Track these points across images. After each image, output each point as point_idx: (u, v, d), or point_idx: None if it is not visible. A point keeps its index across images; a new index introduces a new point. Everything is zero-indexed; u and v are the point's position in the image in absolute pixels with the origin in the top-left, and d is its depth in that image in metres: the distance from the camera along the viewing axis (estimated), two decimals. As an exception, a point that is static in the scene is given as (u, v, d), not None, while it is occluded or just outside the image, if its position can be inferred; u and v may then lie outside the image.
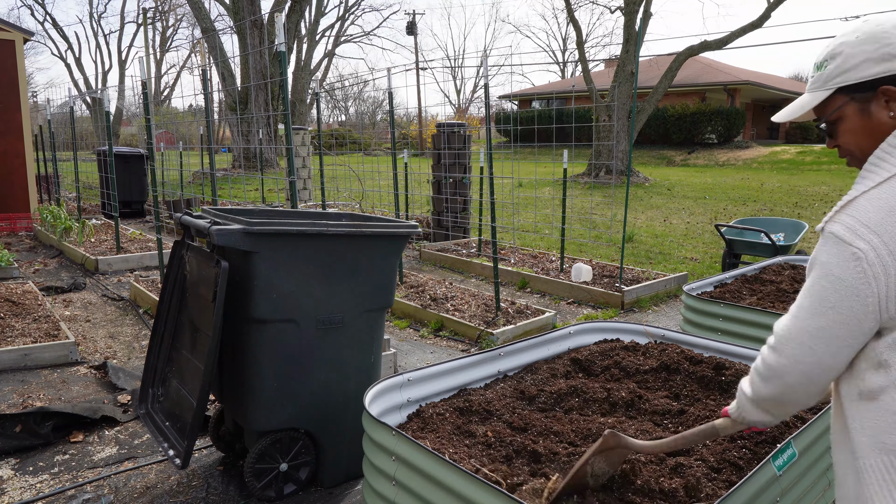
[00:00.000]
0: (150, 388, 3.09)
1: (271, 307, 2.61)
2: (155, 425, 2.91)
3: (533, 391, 2.65)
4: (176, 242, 3.05)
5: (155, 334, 3.09)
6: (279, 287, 2.62)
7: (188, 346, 2.90)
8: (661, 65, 22.68)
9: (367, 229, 2.75)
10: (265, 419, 2.71)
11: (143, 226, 11.17)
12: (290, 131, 4.11)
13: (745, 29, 16.43)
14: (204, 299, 2.71)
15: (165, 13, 44.68)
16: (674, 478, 1.96)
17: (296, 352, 2.71)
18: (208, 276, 2.66)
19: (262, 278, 2.58)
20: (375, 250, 2.82)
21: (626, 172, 16.87)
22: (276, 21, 4.03)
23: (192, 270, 2.91)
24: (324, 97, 45.17)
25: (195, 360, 2.77)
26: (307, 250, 2.64)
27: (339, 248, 2.72)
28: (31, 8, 56.42)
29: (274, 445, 2.76)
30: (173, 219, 2.97)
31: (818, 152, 23.25)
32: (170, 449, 2.69)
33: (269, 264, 2.58)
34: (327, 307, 2.74)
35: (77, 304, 6.13)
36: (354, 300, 2.82)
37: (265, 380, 2.67)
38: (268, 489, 2.79)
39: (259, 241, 2.53)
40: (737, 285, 4.67)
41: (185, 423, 2.71)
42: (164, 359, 3.08)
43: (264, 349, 2.66)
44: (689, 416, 2.40)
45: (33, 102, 22.12)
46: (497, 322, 5.16)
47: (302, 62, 25.78)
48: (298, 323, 2.69)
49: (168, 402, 2.98)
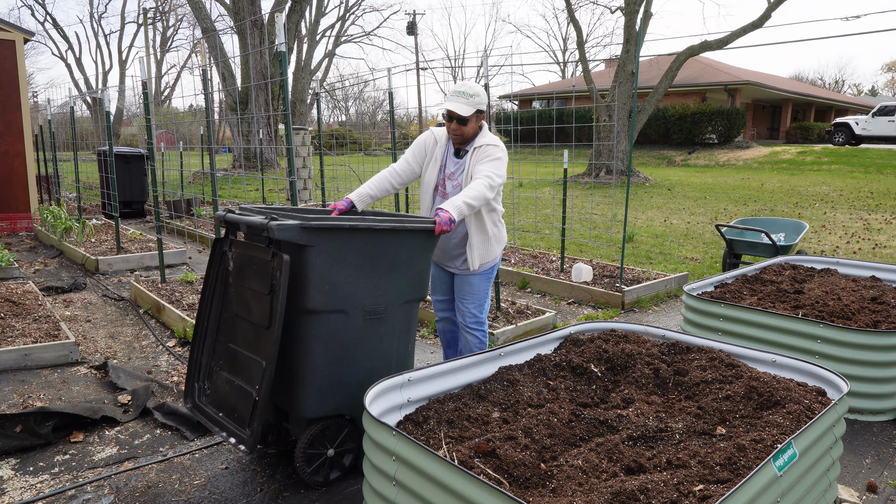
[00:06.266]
0: (195, 382, 3.17)
1: (324, 298, 2.73)
2: (208, 417, 3.01)
3: (528, 392, 2.65)
4: (216, 240, 3.13)
5: (198, 331, 3.16)
6: (331, 279, 2.73)
7: (238, 340, 2.97)
8: (661, 65, 22.69)
9: (408, 224, 2.90)
10: (316, 406, 2.82)
11: (144, 226, 11.17)
12: (290, 131, 4.11)
13: (745, 29, 16.42)
14: (256, 293, 2.81)
15: (166, 13, 44.71)
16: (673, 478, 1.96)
17: (345, 341, 2.83)
18: (262, 271, 2.76)
19: (316, 271, 2.69)
20: (414, 244, 2.96)
21: (626, 172, 16.87)
22: (277, 21, 4.02)
23: (237, 266, 2.99)
24: (324, 97, 45.18)
25: (247, 353, 2.87)
26: (356, 244, 2.77)
27: (383, 242, 2.85)
28: (31, 8, 56.51)
29: (323, 432, 2.87)
30: (215, 217, 3.11)
31: (819, 152, 23.24)
32: (230, 437, 2.78)
33: (322, 258, 2.70)
34: (373, 298, 2.86)
35: (77, 304, 6.13)
36: (395, 292, 2.94)
37: (317, 368, 2.78)
38: (316, 474, 2.90)
39: (314, 235, 2.65)
40: (737, 285, 4.67)
41: (243, 412, 2.80)
42: (209, 354, 3.16)
43: (316, 339, 2.76)
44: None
45: (34, 102, 22.12)
46: (497, 322, 5.16)
47: (302, 62, 25.78)
48: (348, 313, 2.81)
49: (219, 395, 3.05)
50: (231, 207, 3.08)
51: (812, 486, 2.24)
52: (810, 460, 2.20)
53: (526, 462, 2.08)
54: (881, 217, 11.57)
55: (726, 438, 2.25)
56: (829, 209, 12.64)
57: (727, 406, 2.46)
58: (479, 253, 3.42)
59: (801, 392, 2.54)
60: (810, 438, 2.18)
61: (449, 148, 3.49)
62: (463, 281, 3.51)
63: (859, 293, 4.33)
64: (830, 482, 2.45)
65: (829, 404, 2.42)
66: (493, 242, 3.48)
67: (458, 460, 2.06)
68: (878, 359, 3.46)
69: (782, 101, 32.83)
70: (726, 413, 2.43)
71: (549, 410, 2.45)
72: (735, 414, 2.42)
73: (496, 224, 3.49)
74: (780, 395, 2.47)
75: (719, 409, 2.45)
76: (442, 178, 3.47)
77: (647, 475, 2.01)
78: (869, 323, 3.80)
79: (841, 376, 2.57)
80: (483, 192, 3.13)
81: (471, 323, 3.54)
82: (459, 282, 3.53)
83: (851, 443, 3.35)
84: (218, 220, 3.06)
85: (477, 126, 3.40)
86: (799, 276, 4.86)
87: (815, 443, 2.22)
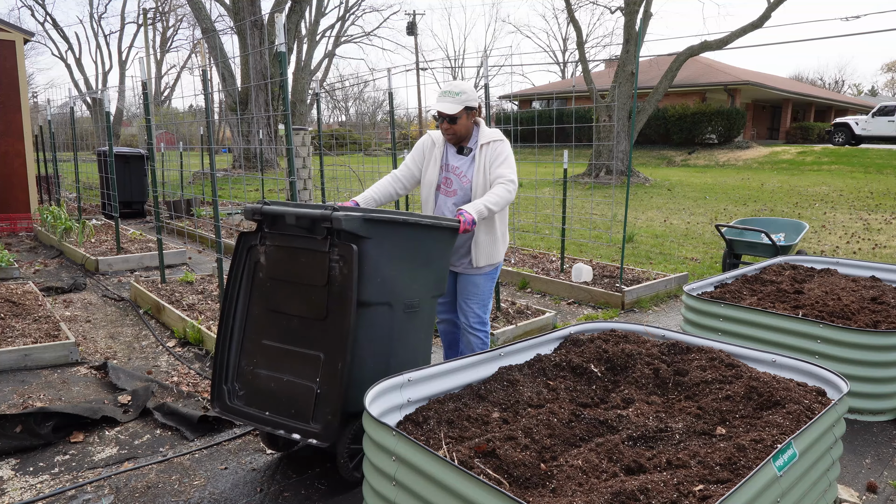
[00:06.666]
0: (223, 385, 3.02)
1: (375, 290, 2.72)
2: (248, 417, 2.90)
3: (528, 393, 2.65)
4: (242, 234, 3.00)
5: (223, 331, 3.02)
6: (382, 271, 2.74)
7: (277, 336, 2.88)
8: (661, 65, 22.68)
9: (443, 222, 2.94)
10: (360, 400, 2.76)
11: (144, 226, 11.17)
12: (290, 131, 4.11)
13: (745, 29, 16.42)
14: (305, 286, 2.77)
15: (166, 14, 44.70)
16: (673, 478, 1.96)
17: (388, 333, 2.83)
18: (313, 262, 2.73)
19: (371, 263, 2.68)
20: (442, 241, 3.00)
21: (626, 172, 16.87)
22: (277, 21, 4.02)
23: (274, 259, 2.90)
24: (324, 97, 45.19)
25: (295, 347, 2.82)
26: (402, 238, 2.80)
27: (421, 237, 2.88)
28: (31, 8, 56.39)
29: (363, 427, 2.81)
30: (245, 210, 2.96)
31: (818, 152, 23.24)
32: (292, 433, 2.71)
33: (377, 250, 2.70)
34: (411, 292, 2.89)
35: (77, 304, 6.13)
36: (427, 286, 2.98)
37: (364, 360, 2.76)
38: (357, 469, 2.85)
39: (373, 227, 2.66)
40: (737, 285, 4.67)
41: (303, 407, 2.73)
42: (237, 353, 3.03)
43: (366, 331, 2.74)
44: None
45: (34, 103, 22.11)
46: (497, 322, 5.16)
47: (302, 62, 25.77)
48: (392, 306, 2.82)
49: (258, 393, 2.93)
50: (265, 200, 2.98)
51: (812, 486, 2.24)
52: (810, 460, 2.20)
53: (526, 462, 2.08)
54: (881, 217, 11.57)
55: (726, 438, 2.25)
56: (829, 209, 12.64)
57: (727, 406, 2.46)
58: (486, 252, 3.41)
59: (801, 392, 2.54)
60: (810, 438, 2.18)
61: (448, 147, 3.50)
62: (467, 281, 3.51)
63: (859, 293, 4.33)
64: (830, 482, 2.45)
65: (828, 404, 2.42)
66: (500, 243, 3.48)
67: (458, 460, 2.06)
68: (877, 359, 3.46)
69: (782, 102, 32.82)
70: (726, 413, 2.43)
71: (549, 410, 2.45)
72: (735, 414, 2.42)
73: (503, 223, 3.50)
74: (780, 395, 2.47)
75: (719, 409, 2.45)
76: (444, 176, 3.48)
77: (647, 475, 2.01)
78: (869, 323, 3.80)
79: (841, 376, 2.57)
80: (505, 196, 3.23)
81: (474, 323, 3.53)
82: (463, 282, 3.53)
83: (851, 443, 3.35)
84: (249, 213, 2.91)
85: (470, 123, 3.41)
86: (799, 277, 4.86)
87: (815, 443, 2.22)
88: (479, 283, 3.49)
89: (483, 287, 3.51)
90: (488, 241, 3.42)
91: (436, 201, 3.50)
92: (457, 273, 3.55)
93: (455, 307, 3.66)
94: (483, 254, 3.42)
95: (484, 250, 3.41)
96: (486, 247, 3.42)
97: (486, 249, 3.42)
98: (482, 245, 3.40)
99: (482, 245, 3.40)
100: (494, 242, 3.44)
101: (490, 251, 3.43)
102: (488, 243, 3.42)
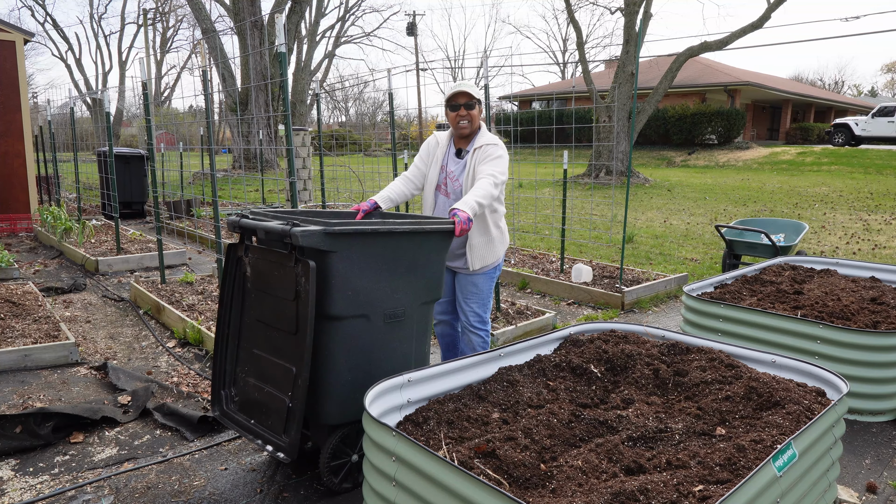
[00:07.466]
0: (221, 390, 3.11)
1: (346, 304, 2.70)
2: (239, 425, 2.97)
3: (528, 394, 2.65)
4: (230, 245, 3.07)
5: (219, 338, 3.11)
6: (354, 284, 2.70)
7: (263, 346, 2.93)
8: (661, 65, 22.70)
9: (426, 226, 2.88)
10: (339, 413, 2.79)
11: (144, 226, 11.17)
12: (290, 132, 4.11)
13: (745, 30, 16.43)
14: (279, 299, 2.78)
15: (166, 14, 44.71)
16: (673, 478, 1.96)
17: (367, 346, 2.81)
18: (284, 276, 2.73)
19: (338, 276, 2.66)
20: (430, 246, 2.95)
21: (626, 173, 16.87)
22: (277, 22, 4.03)
23: (256, 272, 2.94)
24: (324, 98, 45.18)
25: (274, 358, 2.84)
26: (376, 248, 2.75)
27: (402, 245, 2.83)
28: (31, 9, 56.36)
29: (344, 440, 2.84)
30: (228, 223, 3.01)
31: (818, 153, 23.25)
32: (266, 445, 2.75)
33: (345, 263, 2.67)
34: (392, 302, 2.85)
35: (77, 304, 6.13)
36: (413, 294, 2.93)
37: (340, 374, 2.75)
38: (345, 482, 2.88)
39: (337, 240, 2.62)
40: (737, 286, 4.67)
41: (277, 419, 2.77)
42: (232, 360, 3.10)
43: (339, 345, 2.73)
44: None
45: (34, 103, 22.11)
46: (497, 323, 5.17)
47: (302, 63, 25.78)
48: (369, 318, 2.78)
49: (248, 401, 2.99)
50: (243, 211, 3.01)
51: (812, 487, 2.24)
52: (810, 461, 2.20)
53: (526, 462, 2.08)
54: (881, 218, 11.58)
55: (726, 439, 2.25)
56: (829, 210, 12.64)
57: (727, 406, 2.46)
58: (480, 254, 3.41)
59: (801, 392, 2.54)
60: (810, 439, 2.18)
61: (450, 149, 3.51)
62: (466, 281, 3.50)
63: (859, 294, 4.33)
64: (830, 482, 2.45)
65: (828, 405, 2.42)
66: (496, 244, 3.48)
67: (457, 461, 2.06)
68: (877, 359, 3.46)
69: (782, 102, 32.83)
70: (726, 413, 2.43)
71: (548, 411, 2.45)
72: (735, 414, 2.42)
73: (497, 225, 3.49)
74: (780, 395, 2.47)
75: (719, 409, 2.45)
76: (443, 177, 3.49)
77: (647, 476, 2.01)
78: (868, 323, 3.80)
79: (840, 377, 2.57)
80: (489, 190, 3.17)
81: (475, 322, 3.53)
82: (462, 282, 3.52)
83: (851, 443, 3.35)
84: (231, 226, 2.97)
85: (479, 117, 3.47)
86: (798, 277, 4.86)
87: (815, 443, 2.22)
88: (478, 283, 3.49)
89: (483, 287, 3.50)
90: (482, 243, 3.41)
91: (436, 201, 3.51)
92: (456, 273, 3.55)
93: (454, 307, 3.66)
94: (478, 257, 3.41)
95: (478, 253, 3.40)
96: (481, 249, 3.41)
97: (481, 252, 3.41)
98: (476, 248, 3.40)
99: (476, 248, 3.40)
100: (490, 244, 3.43)
101: (484, 253, 3.42)
102: (482, 245, 3.41)
